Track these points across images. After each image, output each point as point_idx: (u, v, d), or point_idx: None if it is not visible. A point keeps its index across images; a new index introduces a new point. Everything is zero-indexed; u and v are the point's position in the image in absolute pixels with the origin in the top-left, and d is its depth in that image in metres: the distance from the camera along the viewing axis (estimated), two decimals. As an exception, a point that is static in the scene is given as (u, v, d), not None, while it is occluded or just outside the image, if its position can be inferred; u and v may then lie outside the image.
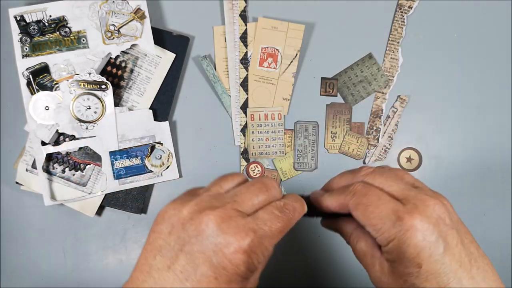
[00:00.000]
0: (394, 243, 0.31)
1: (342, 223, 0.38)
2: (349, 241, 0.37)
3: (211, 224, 0.30)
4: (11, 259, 0.58)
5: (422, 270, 0.31)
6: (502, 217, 0.59)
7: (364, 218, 0.33)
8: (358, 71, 0.59)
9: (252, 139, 0.59)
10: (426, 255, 0.30)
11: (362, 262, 0.36)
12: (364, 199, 0.33)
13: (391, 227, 0.31)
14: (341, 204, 0.35)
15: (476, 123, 0.59)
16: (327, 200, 0.36)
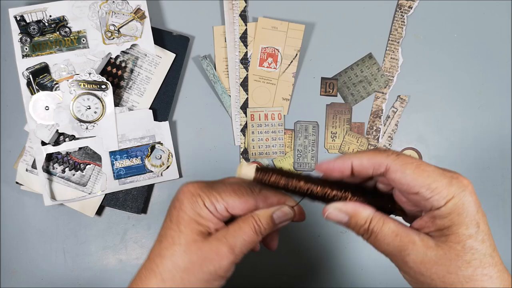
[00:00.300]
0: (454, 201, 0.30)
1: (358, 207, 0.33)
2: (367, 227, 0.33)
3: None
4: (11, 259, 0.58)
5: (480, 230, 0.30)
6: (502, 217, 0.59)
7: (415, 178, 0.30)
8: (358, 71, 0.59)
9: (252, 139, 0.59)
10: (481, 214, 0.30)
11: (394, 244, 0.32)
12: (411, 159, 0.31)
13: (448, 185, 0.30)
14: (374, 164, 0.32)
15: (476, 123, 0.59)
16: (354, 158, 0.33)
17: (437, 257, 0.30)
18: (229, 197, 0.35)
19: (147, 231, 0.58)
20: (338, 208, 0.34)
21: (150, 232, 0.58)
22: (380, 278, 0.59)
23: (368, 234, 0.33)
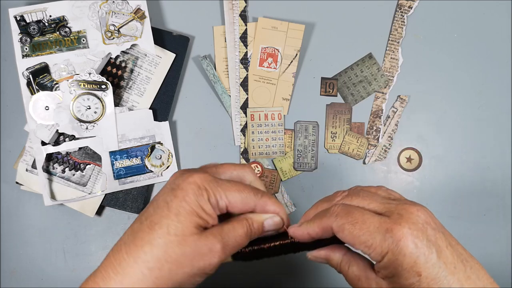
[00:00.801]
0: (389, 256, 0.31)
1: (329, 252, 0.37)
2: (340, 269, 0.37)
3: None
4: (11, 259, 0.58)
5: (423, 278, 0.30)
6: (502, 217, 0.59)
7: (353, 237, 0.32)
8: (358, 71, 0.59)
9: (252, 139, 0.59)
10: (423, 261, 0.30)
11: (357, 287, 0.35)
12: (349, 218, 0.33)
13: (382, 241, 0.31)
14: (323, 228, 0.35)
15: (476, 123, 0.59)
16: (308, 228, 0.36)
17: None
18: (233, 196, 0.35)
19: (147, 231, 0.58)
20: (314, 255, 0.38)
21: (150, 232, 0.58)
22: (380, 278, 0.59)
23: (342, 273, 0.37)
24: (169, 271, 0.32)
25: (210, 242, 0.33)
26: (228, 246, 0.34)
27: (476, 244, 0.58)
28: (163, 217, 0.33)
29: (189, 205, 0.33)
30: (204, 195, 0.33)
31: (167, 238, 0.32)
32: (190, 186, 0.33)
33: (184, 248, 0.32)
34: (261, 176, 0.58)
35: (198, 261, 0.32)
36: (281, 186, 0.59)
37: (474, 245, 0.58)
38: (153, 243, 0.32)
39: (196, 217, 0.33)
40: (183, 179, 0.34)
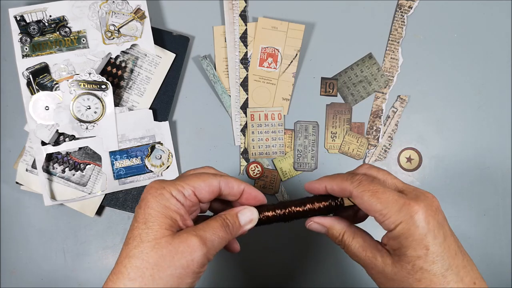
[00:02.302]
0: (402, 225, 0.33)
1: (333, 221, 0.39)
2: (342, 239, 0.38)
3: None
4: (11, 259, 0.58)
5: (429, 252, 0.32)
6: (502, 217, 0.59)
7: (370, 204, 0.34)
8: (358, 71, 0.59)
9: (252, 139, 0.59)
10: (431, 237, 0.33)
11: (361, 257, 0.36)
12: (370, 186, 0.35)
13: (398, 212, 0.33)
14: (342, 189, 0.37)
15: (476, 123, 0.59)
16: (327, 181, 0.38)
17: (393, 274, 0.34)
18: (194, 181, 0.36)
19: (147, 231, 0.58)
20: (317, 221, 0.39)
21: (150, 232, 0.58)
22: (380, 278, 0.59)
23: (342, 245, 0.38)
24: (152, 277, 0.32)
25: (185, 238, 0.33)
26: (207, 239, 0.34)
27: (476, 244, 0.58)
28: (134, 229, 0.34)
29: (153, 209, 0.34)
30: (164, 193, 0.34)
31: (141, 246, 0.32)
32: (149, 192, 0.34)
33: (160, 251, 0.32)
34: (261, 176, 0.58)
35: (179, 260, 0.32)
36: (281, 186, 0.59)
37: (474, 245, 0.58)
38: (130, 255, 0.33)
39: (164, 217, 0.34)
40: (144, 191, 0.35)
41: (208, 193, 0.37)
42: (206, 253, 0.33)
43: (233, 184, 0.38)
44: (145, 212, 0.34)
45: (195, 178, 0.36)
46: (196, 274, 0.33)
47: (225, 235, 0.36)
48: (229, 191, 0.38)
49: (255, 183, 0.59)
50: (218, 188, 0.37)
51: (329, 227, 0.39)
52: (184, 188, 0.35)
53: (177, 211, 0.34)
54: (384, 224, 0.34)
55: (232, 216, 0.38)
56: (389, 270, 0.34)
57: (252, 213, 0.39)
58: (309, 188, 0.40)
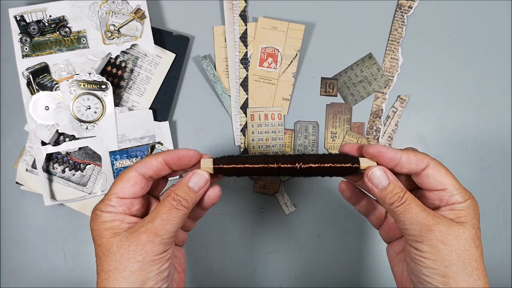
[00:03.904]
0: (471, 202, 0.37)
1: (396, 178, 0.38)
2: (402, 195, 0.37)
3: None
4: (11, 259, 0.58)
5: (479, 230, 0.37)
6: (502, 217, 0.59)
7: (446, 178, 0.37)
8: (358, 71, 0.59)
9: (252, 139, 0.59)
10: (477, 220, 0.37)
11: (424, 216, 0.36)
12: (444, 166, 0.38)
13: (465, 190, 0.37)
14: (420, 161, 0.38)
15: (476, 123, 0.59)
16: (406, 153, 0.38)
17: (458, 234, 0.35)
18: (114, 188, 0.38)
19: (147, 231, 0.58)
20: (384, 169, 0.38)
21: (150, 232, 0.58)
22: (380, 278, 0.59)
23: (401, 201, 0.37)
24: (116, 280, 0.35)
25: (134, 236, 0.35)
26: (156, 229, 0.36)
27: (476, 244, 0.58)
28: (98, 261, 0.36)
29: (96, 231, 0.37)
30: (97, 214, 0.37)
31: (99, 260, 0.36)
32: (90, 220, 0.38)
33: (113, 257, 0.35)
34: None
35: (134, 257, 0.35)
36: (281, 186, 0.59)
37: (474, 245, 0.58)
38: (98, 271, 0.36)
39: (105, 231, 0.36)
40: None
41: (130, 189, 0.38)
42: (160, 241, 0.35)
43: (151, 162, 0.39)
44: (92, 236, 0.37)
45: (116, 183, 0.38)
46: (158, 260, 0.35)
47: (178, 214, 0.36)
48: (153, 169, 0.39)
49: (255, 183, 0.59)
50: (140, 177, 0.38)
51: (393, 181, 0.38)
52: (109, 200, 0.37)
53: (114, 219, 0.37)
54: (457, 195, 0.37)
55: (182, 188, 0.38)
56: (455, 229, 0.36)
57: (199, 175, 0.39)
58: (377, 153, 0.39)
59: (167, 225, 0.36)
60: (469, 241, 0.35)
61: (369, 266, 0.59)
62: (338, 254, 0.59)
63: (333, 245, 0.59)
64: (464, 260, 0.35)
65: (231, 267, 0.59)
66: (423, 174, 0.38)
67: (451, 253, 0.35)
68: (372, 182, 0.38)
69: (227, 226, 0.59)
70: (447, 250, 0.35)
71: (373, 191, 0.38)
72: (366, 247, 0.59)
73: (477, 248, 0.36)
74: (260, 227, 0.59)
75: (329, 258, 0.59)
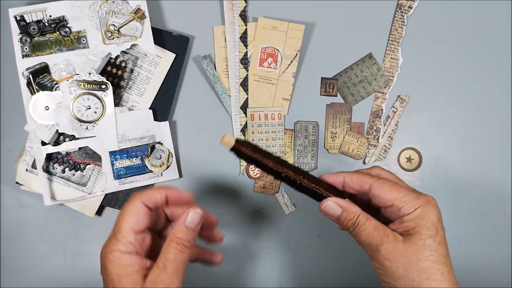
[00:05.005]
0: (420, 209, 0.38)
1: (349, 204, 0.41)
2: (355, 221, 0.40)
3: None
4: (11, 259, 0.58)
5: (439, 235, 0.38)
6: (502, 217, 0.59)
7: (391, 193, 0.39)
8: (358, 71, 0.59)
9: (252, 139, 0.59)
10: (441, 225, 0.38)
11: (373, 236, 0.39)
12: (388, 181, 0.40)
13: (416, 199, 0.38)
14: (363, 182, 0.40)
15: (476, 123, 0.59)
16: (346, 175, 0.42)
17: (403, 249, 0.38)
18: (127, 222, 0.39)
19: (147, 231, 0.58)
20: (335, 201, 0.41)
21: (150, 232, 0.58)
22: (380, 278, 0.59)
23: (354, 226, 0.40)
24: None
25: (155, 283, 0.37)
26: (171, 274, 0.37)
27: (476, 244, 0.58)
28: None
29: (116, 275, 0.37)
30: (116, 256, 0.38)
31: None
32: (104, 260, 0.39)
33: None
34: (261, 176, 0.58)
35: None
36: (281, 186, 0.59)
37: (474, 245, 0.58)
38: None
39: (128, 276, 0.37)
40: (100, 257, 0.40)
41: (144, 219, 0.39)
42: (176, 282, 0.37)
43: (154, 195, 0.40)
44: (108, 278, 0.37)
45: (125, 218, 0.39)
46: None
47: (184, 256, 0.39)
48: (156, 203, 0.40)
49: (255, 183, 0.59)
50: (146, 209, 0.40)
51: (346, 208, 0.41)
52: (125, 237, 0.38)
53: (133, 265, 0.37)
54: (404, 208, 0.38)
55: (181, 230, 0.40)
56: (400, 246, 0.38)
57: (193, 213, 0.41)
58: (326, 178, 0.42)
59: (178, 269, 0.38)
60: (415, 254, 0.37)
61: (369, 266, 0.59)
62: (338, 254, 0.59)
63: (333, 245, 0.59)
64: (411, 273, 0.37)
65: (231, 267, 0.59)
66: (371, 195, 0.40)
67: (398, 268, 0.38)
68: (327, 214, 0.42)
69: (227, 226, 0.59)
70: (394, 266, 0.38)
71: (332, 220, 0.42)
72: (366, 247, 0.59)
73: (427, 257, 0.37)
74: (260, 227, 0.59)
75: (329, 258, 0.59)
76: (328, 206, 0.41)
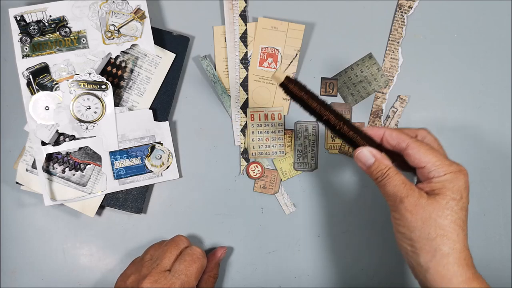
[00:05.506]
0: (451, 175, 0.41)
1: (382, 156, 0.44)
2: (385, 172, 0.43)
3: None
4: (11, 259, 0.58)
5: (461, 200, 0.41)
6: (502, 217, 0.59)
7: (427, 155, 0.42)
8: (358, 71, 0.59)
9: (252, 139, 0.59)
10: (466, 193, 0.41)
11: (400, 189, 0.42)
12: (426, 145, 0.43)
13: (448, 166, 0.41)
14: (400, 139, 0.43)
15: (476, 123, 0.59)
16: (387, 130, 0.45)
17: (426, 204, 0.40)
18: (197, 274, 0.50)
19: (147, 231, 0.58)
20: (370, 150, 0.44)
21: (150, 232, 0.58)
22: (380, 278, 0.59)
23: (383, 176, 0.43)
24: None
25: None
26: None
27: (476, 244, 0.58)
28: None
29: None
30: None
31: None
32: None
33: None
34: (261, 176, 0.58)
35: None
36: (281, 186, 0.59)
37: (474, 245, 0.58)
38: None
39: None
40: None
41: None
42: None
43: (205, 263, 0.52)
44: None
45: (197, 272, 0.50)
46: None
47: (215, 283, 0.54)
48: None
49: (255, 183, 0.59)
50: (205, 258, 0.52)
51: (378, 159, 0.43)
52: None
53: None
54: (435, 171, 0.41)
55: (217, 267, 0.55)
56: (423, 201, 0.40)
57: (222, 251, 0.56)
58: (368, 130, 0.45)
59: None
60: (436, 210, 0.40)
61: (369, 266, 0.59)
62: (338, 254, 0.59)
63: (333, 245, 0.59)
64: (428, 227, 0.40)
65: (231, 267, 0.59)
66: (406, 154, 0.43)
67: (417, 221, 0.40)
68: (359, 161, 0.44)
69: (227, 226, 0.59)
70: (413, 218, 0.40)
71: (363, 168, 0.45)
72: (366, 247, 0.59)
73: (446, 216, 0.40)
74: (260, 227, 0.59)
75: (329, 258, 0.59)
76: (362, 153, 0.44)
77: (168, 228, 0.58)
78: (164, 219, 0.58)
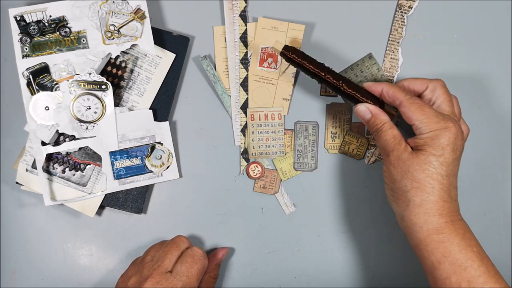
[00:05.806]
0: (434, 132, 0.44)
1: (379, 111, 0.48)
2: (380, 126, 0.47)
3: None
4: (11, 259, 0.58)
5: (443, 156, 0.44)
6: (502, 217, 0.59)
7: (414, 113, 0.45)
8: (358, 71, 0.59)
9: (252, 139, 0.59)
10: (449, 150, 0.44)
11: (389, 142, 0.46)
12: (418, 101, 0.46)
13: (435, 123, 0.44)
14: (395, 97, 0.47)
15: (476, 123, 0.59)
16: (385, 86, 0.48)
17: (407, 158, 0.44)
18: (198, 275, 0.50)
19: (147, 231, 0.58)
20: (367, 106, 0.49)
21: (150, 232, 0.58)
22: (380, 278, 0.59)
23: (378, 131, 0.48)
24: None
25: None
26: None
27: (476, 244, 0.58)
28: None
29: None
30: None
31: None
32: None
33: None
34: (261, 176, 0.58)
35: None
36: (281, 186, 0.59)
37: (474, 245, 0.58)
38: None
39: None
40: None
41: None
42: None
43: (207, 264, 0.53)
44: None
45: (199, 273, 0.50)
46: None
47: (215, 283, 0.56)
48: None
49: (255, 183, 0.59)
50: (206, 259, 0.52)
51: (375, 114, 0.48)
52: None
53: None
54: (421, 129, 0.44)
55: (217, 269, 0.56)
56: (405, 155, 0.45)
57: (223, 252, 0.57)
58: (367, 87, 0.50)
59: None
60: (414, 165, 0.44)
61: (369, 266, 0.59)
62: (338, 254, 0.59)
63: (333, 245, 0.59)
64: (405, 179, 0.44)
65: (231, 267, 0.59)
66: (400, 111, 0.47)
67: (397, 173, 0.45)
68: (359, 115, 0.50)
69: (227, 226, 0.59)
70: (395, 171, 0.45)
71: (362, 121, 0.50)
72: (366, 247, 0.59)
73: (423, 171, 0.43)
74: (260, 227, 0.59)
75: (329, 258, 0.59)
76: (360, 109, 0.49)
77: (168, 228, 0.58)
78: (164, 219, 0.58)
